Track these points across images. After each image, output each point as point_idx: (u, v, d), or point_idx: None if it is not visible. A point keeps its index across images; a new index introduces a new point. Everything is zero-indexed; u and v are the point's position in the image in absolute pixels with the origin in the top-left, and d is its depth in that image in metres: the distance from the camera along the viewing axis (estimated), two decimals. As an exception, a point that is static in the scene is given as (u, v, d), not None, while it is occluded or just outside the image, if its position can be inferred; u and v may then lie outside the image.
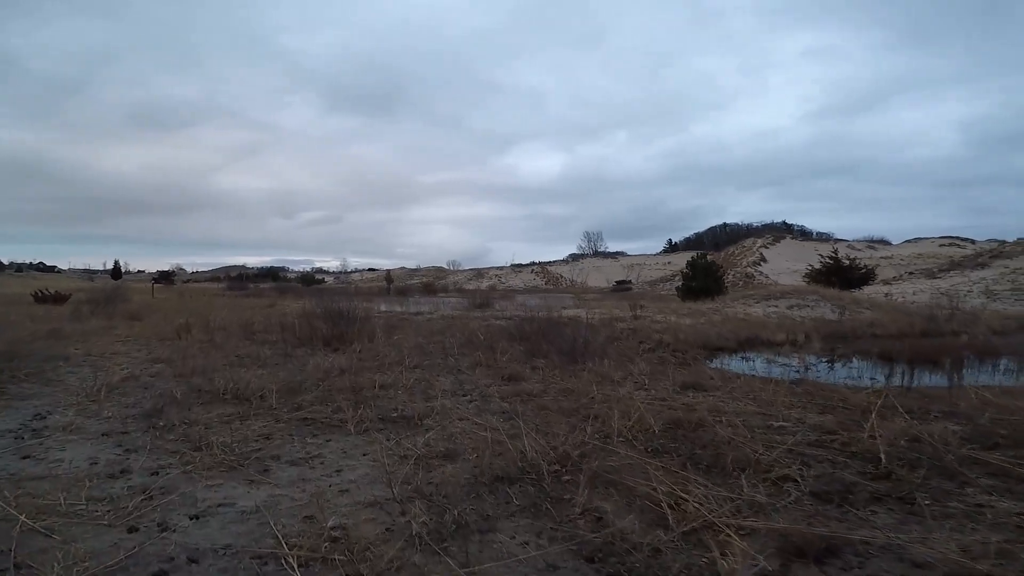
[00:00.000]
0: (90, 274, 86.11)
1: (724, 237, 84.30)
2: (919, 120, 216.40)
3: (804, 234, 78.60)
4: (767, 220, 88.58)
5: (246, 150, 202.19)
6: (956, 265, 30.43)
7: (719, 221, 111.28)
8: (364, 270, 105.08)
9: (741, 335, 10.30)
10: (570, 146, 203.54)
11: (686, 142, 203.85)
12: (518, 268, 79.05)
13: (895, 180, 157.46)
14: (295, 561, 1.94)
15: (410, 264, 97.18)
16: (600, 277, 64.93)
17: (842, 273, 22.69)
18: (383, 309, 15.69)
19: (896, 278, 31.90)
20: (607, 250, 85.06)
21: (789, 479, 2.77)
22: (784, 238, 69.90)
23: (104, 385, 4.82)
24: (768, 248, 64.20)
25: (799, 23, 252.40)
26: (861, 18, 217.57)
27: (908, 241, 68.04)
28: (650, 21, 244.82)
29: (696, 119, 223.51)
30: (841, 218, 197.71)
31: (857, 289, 21.80)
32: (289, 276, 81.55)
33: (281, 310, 14.64)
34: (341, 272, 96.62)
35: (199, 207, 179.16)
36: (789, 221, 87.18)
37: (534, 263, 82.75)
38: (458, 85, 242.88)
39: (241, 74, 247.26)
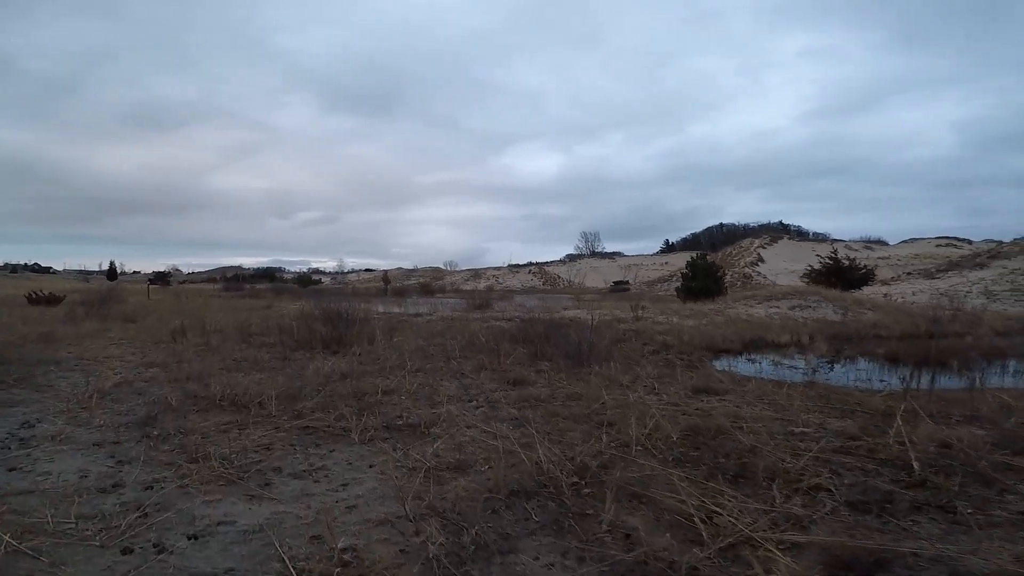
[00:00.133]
0: (86, 275, 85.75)
1: (721, 237, 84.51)
2: (916, 120, 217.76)
3: (801, 234, 78.86)
4: (764, 220, 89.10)
5: (243, 150, 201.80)
6: (954, 266, 30.46)
7: (716, 221, 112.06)
8: (361, 270, 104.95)
9: (745, 337, 10.19)
10: (568, 146, 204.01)
11: (684, 142, 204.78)
12: (515, 268, 78.99)
13: (892, 181, 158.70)
14: (304, 588, 1.79)
15: (407, 264, 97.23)
16: (597, 278, 64.92)
17: (842, 274, 22.63)
18: (381, 310, 15.51)
19: (894, 279, 31.92)
20: (604, 250, 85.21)
21: (821, 488, 2.65)
22: (781, 238, 70.09)
23: (96, 391, 4.63)
24: (765, 248, 64.32)
25: (797, 23, 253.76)
26: (858, 19, 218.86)
27: (905, 241, 68.40)
28: (649, 21, 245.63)
29: (694, 119, 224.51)
30: (838, 218, 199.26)
31: (857, 290, 21.75)
32: (286, 277, 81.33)
33: (278, 311, 14.46)
34: (338, 272, 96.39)
35: (196, 207, 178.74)
36: (786, 221, 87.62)
37: (531, 263, 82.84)
38: (456, 85, 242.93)
39: (238, 74, 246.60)
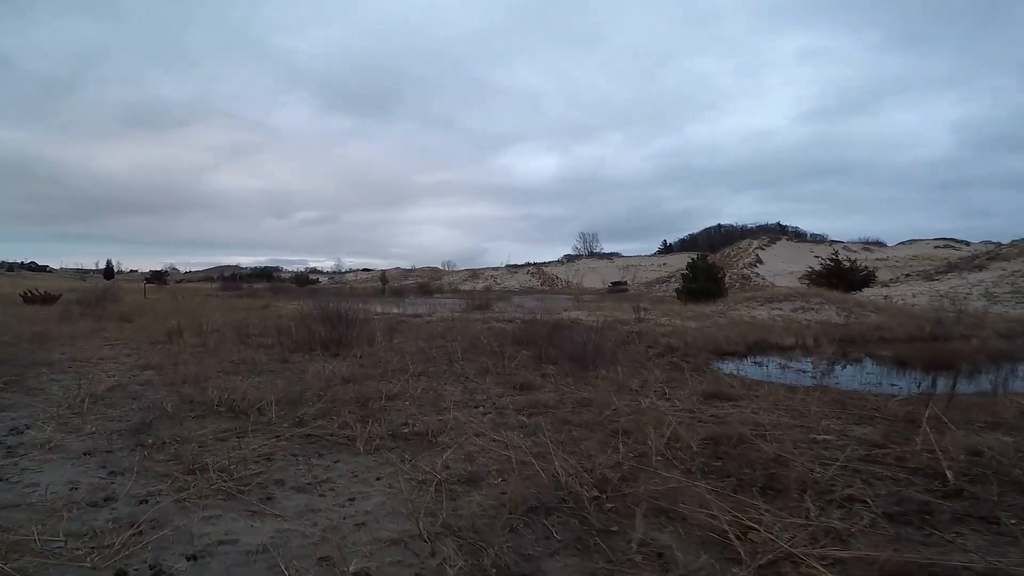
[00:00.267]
0: (82, 274, 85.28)
1: (719, 238, 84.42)
2: (913, 121, 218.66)
3: (799, 235, 78.83)
4: (761, 221, 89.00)
5: (241, 150, 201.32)
6: (953, 267, 30.46)
7: (714, 222, 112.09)
8: (359, 270, 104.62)
9: (749, 339, 10.08)
10: (566, 147, 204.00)
11: (681, 143, 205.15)
12: (514, 269, 78.84)
13: (889, 181, 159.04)
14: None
15: (405, 264, 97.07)
16: (595, 278, 64.77)
17: (844, 275, 22.52)
18: (380, 310, 15.34)
19: (893, 280, 31.89)
20: (602, 251, 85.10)
21: (855, 500, 2.53)
22: (780, 239, 70.04)
23: (88, 395, 4.45)
24: (764, 250, 64.27)
25: (795, 24, 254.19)
26: (857, 19, 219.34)
27: (903, 243, 68.45)
28: (648, 22, 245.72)
29: (692, 120, 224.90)
30: (834, 219, 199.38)
31: (858, 292, 21.66)
32: (283, 276, 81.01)
33: (276, 311, 14.26)
34: (335, 272, 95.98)
35: (193, 207, 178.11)
36: (783, 222, 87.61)
37: (529, 264, 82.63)
38: (455, 85, 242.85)
39: (237, 74, 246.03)
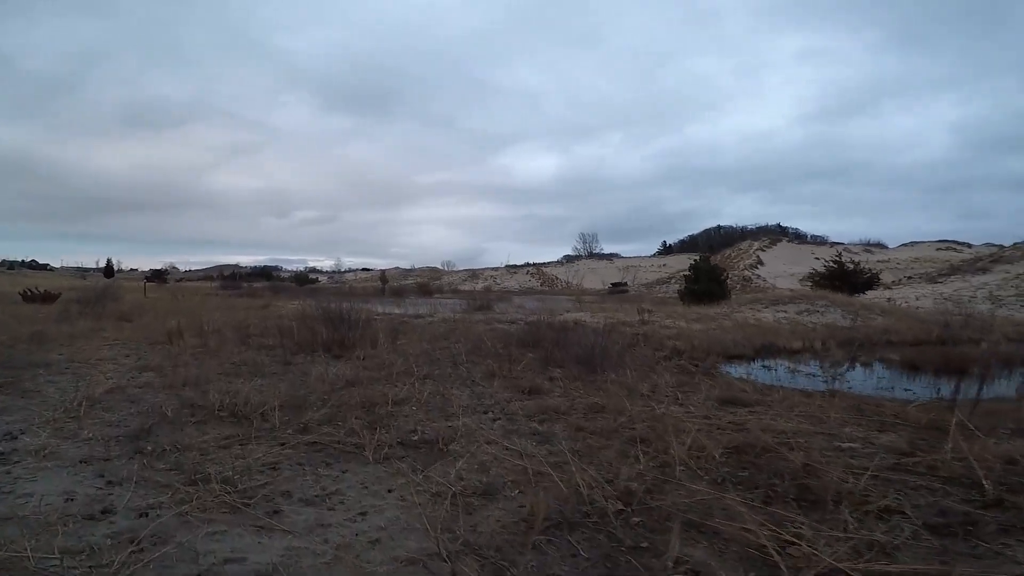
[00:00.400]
0: (83, 272, 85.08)
1: (719, 239, 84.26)
2: (913, 123, 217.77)
3: (799, 237, 78.69)
4: (761, 222, 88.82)
5: (241, 149, 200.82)
6: (956, 270, 30.36)
7: (714, 223, 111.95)
8: (358, 270, 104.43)
9: (756, 342, 9.96)
10: (566, 147, 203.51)
11: (681, 143, 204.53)
12: (513, 269, 78.68)
13: (889, 183, 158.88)
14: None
15: (404, 264, 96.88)
16: (595, 279, 64.61)
17: (847, 278, 22.39)
18: (381, 311, 15.20)
19: (896, 283, 31.79)
20: (602, 251, 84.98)
21: (893, 511, 2.41)
22: (780, 241, 69.94)
23: (86, 398, 4.31)
24: (765, 251, 64.15)
25: (795, 24, 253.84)
26: (856, 20, 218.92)
27: (904, 245, 68.34)
28: (647, 22, 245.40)
29: (691, 120, 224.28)
30: (834, 221, 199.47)
31: (862, 294, 21.55)
32: (283, 276, 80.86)
33: (276, 311, 14.13)
34: (335, 272, 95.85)
35: (193, 206, 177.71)
36: (783, 224, 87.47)
37: (529, 264, 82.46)
38: (455, 85, 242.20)
39: (236, 73, 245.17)
